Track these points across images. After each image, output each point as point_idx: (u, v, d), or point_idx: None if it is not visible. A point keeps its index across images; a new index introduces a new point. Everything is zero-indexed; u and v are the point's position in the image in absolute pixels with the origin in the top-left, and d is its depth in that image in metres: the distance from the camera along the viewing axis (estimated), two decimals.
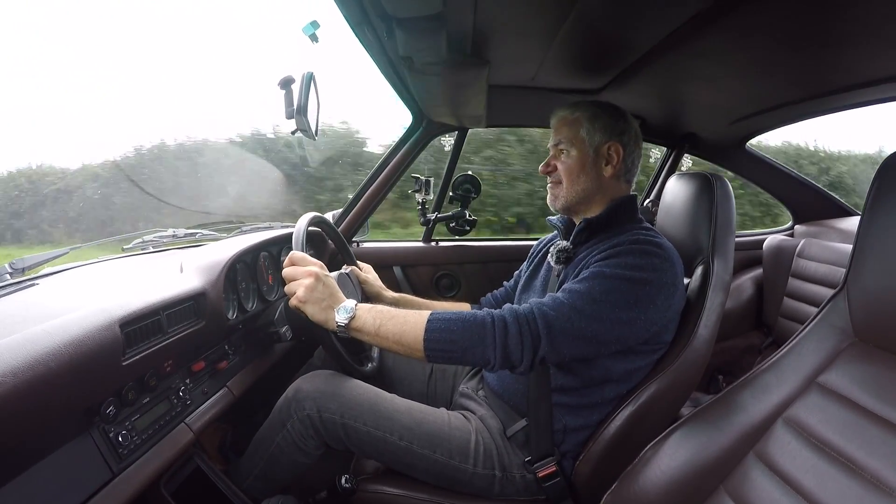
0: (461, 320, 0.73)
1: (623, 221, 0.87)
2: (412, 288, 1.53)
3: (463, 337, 0.72)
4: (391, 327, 0.74)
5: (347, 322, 0.74)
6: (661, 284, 0.75)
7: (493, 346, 0.71)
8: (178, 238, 1.17)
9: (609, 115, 0.87)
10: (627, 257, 0.75)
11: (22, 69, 2.59)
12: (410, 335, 0.73)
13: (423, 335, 0.72)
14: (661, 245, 0.78)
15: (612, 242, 0.80)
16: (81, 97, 2.76)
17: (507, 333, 0.71)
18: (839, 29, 0.69)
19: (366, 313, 0.76)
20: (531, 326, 0.72)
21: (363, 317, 0.75)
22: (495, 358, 0.71)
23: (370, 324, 0.74)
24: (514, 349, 0.71)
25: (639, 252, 0.76)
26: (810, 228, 1.66)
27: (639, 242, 0.77)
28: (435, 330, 0.72)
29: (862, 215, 0.59)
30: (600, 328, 0.73)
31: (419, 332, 0.72)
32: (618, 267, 0.75)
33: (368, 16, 0.70)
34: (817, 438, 0.54)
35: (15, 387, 0.47)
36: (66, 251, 0.94)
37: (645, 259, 0.75)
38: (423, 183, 1.48)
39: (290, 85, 0.90)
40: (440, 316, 0.74)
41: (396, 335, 0.73)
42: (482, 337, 0.71)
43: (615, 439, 0.79)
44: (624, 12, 0.70)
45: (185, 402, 0.78)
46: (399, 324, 0.74)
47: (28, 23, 2.73)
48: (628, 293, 0.73)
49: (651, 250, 0.76)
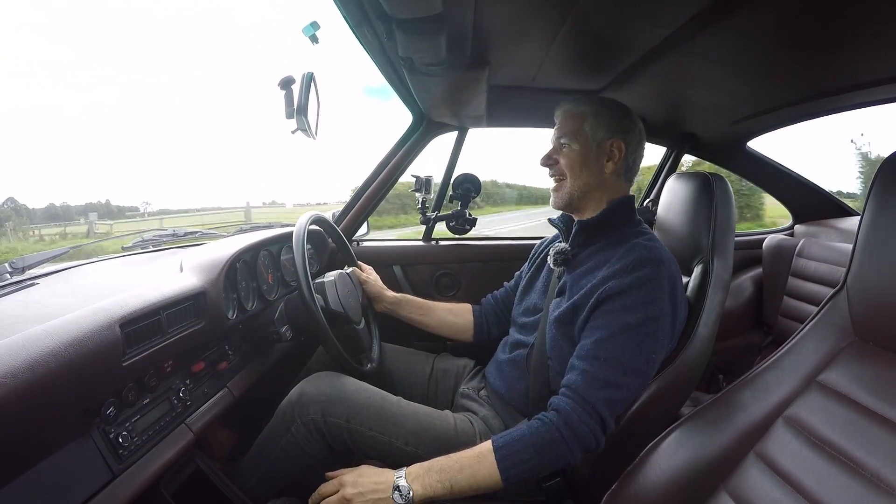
0: (532, 445, 0.71)
1: (620, 224, 0.86)
2: (412, 287, 1.53)
3: (539, 458, 0.71)
4: (463, 480, 0.70)
5: (413, 498, 0.68)
6: (674, 306, 0.77)
7: (570, 451, 0.71)
8: (178, 237, 1.17)
9: (614, 112, 0.87)
10: (641, 293, 0.74)
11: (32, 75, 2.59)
12: (487, 481, 0.70)
13: (499, 476, 0.70)
14: (663, 260, 0.77)
15: (617, 266, 0.78)
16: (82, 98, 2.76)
17: (577, 436, 0.71)
18: (839, 30, 0.69)
19: (422, 480, 0.69)
20: (593, 416, 0.72)
21: (425, 483, 0.69)
22: (576, 457, 0.72)
23: (439, 487, 0.69)
24: (589, 442, 0.72)
25: (649, 281, 0.75)
26: (810, 228, 1.66)
27: (643, 265, 0.76)
28: (509, 464, 0.70)
29: (862, 215, 0.59)
30: (645, 377, 0.76)
31: (495, 475, 0.70)
32: (638, 309, 0.74)
33: (368, 16, 0.70)
34: (818, 438, 0.54)
35: (15, 388, 0.47)
36: (66, 250, 0.94)
37: (656, 287, 0.75)
38: (423, 182, 1.48)
39: (290, 85, 0.90)
40: (508, 448, 0.71)
41: (473, 485, 0.70)
42: (557, 450, 0.71)
43: (615, 439, 0.79)
44: (624, 13, 0.70)
45: (185, 402, 0.78)
46: (469, 474, 0.70)
47: (29, 23, 2.74)
48: (657, 332, 0.75)
49: (657, 274, 0.75)
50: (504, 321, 1.12)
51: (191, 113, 32.78)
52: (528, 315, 0.97)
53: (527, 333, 0.94)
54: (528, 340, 0.91)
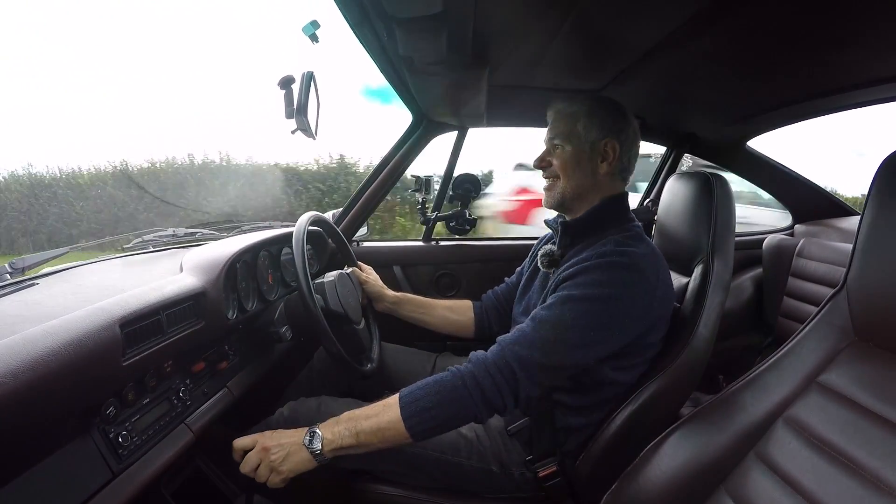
0: (434, 393, 0.71)
1: (606, 224, 0.85)
2: (412, 287, 1.53)
3: (441, 408, 0.70)
4: (367, 427, 0.71)
5: (321, 449, 0.70)
6: (633, 296, 0.74)
7: (474, 404, 0.71)
8: (178, 237, 1.17)
9: (607, 112, 0.85)
10: (593, 274, 0.74)
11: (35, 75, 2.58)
12: (391, 429, 0.70)
13: (403, 423, 0.70)
14: (630, 254, 0.75)
15: (582, 256, 0.78)
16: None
17: (481, 388, 0.71)
18: (839, 29, 0.69)
19: (332, 428, 0.72)
20: (504, 372, 0.71)
21: (334, 431, 0.71)
22: (480, 412, 0.71)
23: (346, 435, 0.71)
24: (495, 398, 0.71)
25: (606, 266, 0.74)
26: (810, 228, 1.66)
27: (605, 255, 0.75)
28: (412, 411, 0.70)
29: (862, 214, 0.59)
30: (575, 354, 0.73)
31: (398, 422, 0.70)
32: (586, 287, 0.73)
33: (368, 16, 0.70)
34: (817, 438, 0.54)
35: (15, 388, 0.47)
36: (66, 251, 0.94)
37: (611, 273, 0.73)
38: (423, 182, 1.48)
39: (290, 85, 0.90)
40: (411, 395, 0.72)
41: (378, 432, 0.71)
42: (459, 399, 0.71)
43: (615, 439, 0.79)
44: (624, 12, 0.70)
45: (185, 402, 0.78)
46: (374, 422, 0.71)
47: (30, 23, 2.74)
48: (600, 313, 0.73)
49: (617, 262, 0.74)
50: (505, 317, 1.11)
51: (190, 113, 32.66)
52: (526, 315, 0.97)
53: None
54: None
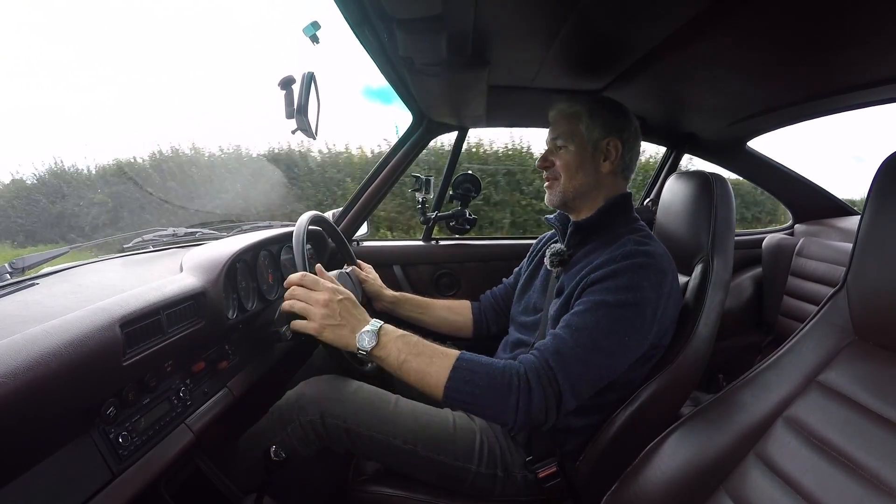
0: (488, 375, 0.70)
1: (616, 223, 0.86)
2: (412, 287, 1.53)
3: (485, 393, 0.69)
4: (415, 365, 0.71)
5: (370, 349, 0.72)
6: (659, 297, 0.75)
7: (515, 411, 0.68)
8: (178, 237, 1.17)
9: (609, 111, 0.87)
10: (623, 277, 0.74)
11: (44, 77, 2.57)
12: (433, 378, 0.70)
13: (444, 382, 0.69)
14: (653, 254, 0.77)
15: (605, 257, 0.78)
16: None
17: (530, 399, 0.68)
18: (839, 30, 0.69)
19: (391, 342, 0.72)
20: (553, 386, 0.69)
21: (388, 346, 0.72)
22: (515, 422, 0.69)
23: (394, 356, 0.72)
24: (538, 413, 0.69)
25: (635, 268, 0.74)
26: (810, 227, 1.66)
27: (631, 256, 0.76)
28: (459, 379, 0.69)
29: (862, 214, 0.59)
30: (615, 361, 0.73)
31: (442, 378, 0.69)
32: (619, 292, 0.73)
33: (369, 16, 0.70)
34: (817, 438, 0.54)
35: (15, 388, 0.47)
36: (66, 250, 0.94)
37: (641, 276, 0.74)
38: (423, 182, 1.48)
39: (290, 85, 0.90)
40: (467, 365, 0.71)
41: (419, 374, 0.71)
42: (505, 398, 0.68)
43: (615, 439, 0.79)
44: (624, 13, 0.70)
45: (185, 402, 0.78)
46: (424, 363, 0.71)
47: (30, 22, 2.73)
48: (635, 318, 0.73)
49: (645, 263, 0.75)
50: (503, 318, 1.12)
51: (190, 113, 32.72)
52: (527, 314, 0.97)
53: (528, 333, 0.94)
54: (529, 339, 0.91)
